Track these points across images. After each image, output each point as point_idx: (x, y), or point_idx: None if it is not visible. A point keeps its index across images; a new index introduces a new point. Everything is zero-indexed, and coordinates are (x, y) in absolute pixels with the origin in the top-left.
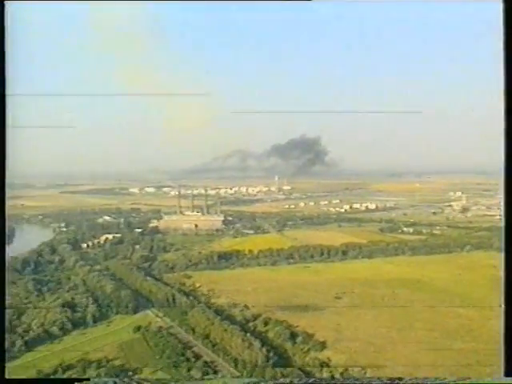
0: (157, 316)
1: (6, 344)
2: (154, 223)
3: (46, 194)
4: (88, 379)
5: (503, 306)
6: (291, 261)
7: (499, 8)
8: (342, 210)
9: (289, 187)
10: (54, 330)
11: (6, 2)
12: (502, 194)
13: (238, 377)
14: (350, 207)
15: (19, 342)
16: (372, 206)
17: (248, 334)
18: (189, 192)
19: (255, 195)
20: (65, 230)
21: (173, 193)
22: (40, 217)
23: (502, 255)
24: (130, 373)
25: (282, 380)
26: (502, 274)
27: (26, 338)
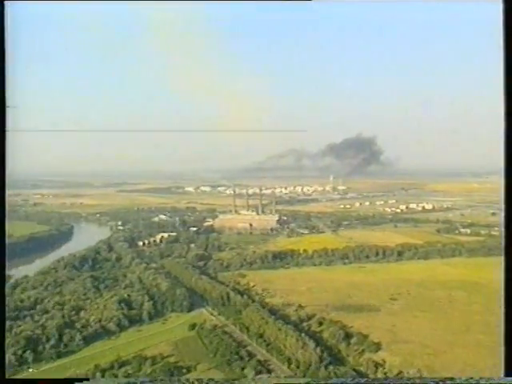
0: (211, 314)
1: (65, 338)
2: (209, 222)
3: (104, 192)
4: (87, 379)
5: (503, 306)
6: (346, 261)
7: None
8: (398, 210)
9: (344, 187)
10: (111, 326)
11: (5, 2)
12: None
13: (290, 377)
14: (406, 207)
15: (78, 337)
16: (428, 207)
17: (302, 334)
18: (244, 191)
19: (310, 195)
20: (121, 228)
21: (228, 192)
22: (98, 215)
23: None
24: (184, 370)
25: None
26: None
27: (84, 334)
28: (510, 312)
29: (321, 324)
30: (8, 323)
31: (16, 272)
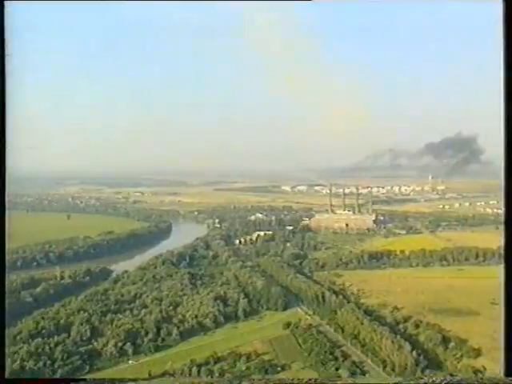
0: (306, 313)
1: (163, 333)
2: (305, 221)
3: (201, 190)
4: (84, 379)
5: (503, 306)
6: (444, 263)
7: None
8: (500, 212)
9: (443, 187)
10: (207, 322)
11: (5, 2)
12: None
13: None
14: None
15: (175, 332)
16: None
17: (398, 336)
18: (340, 191)
19: (408, 195)
20: (218, 226)
21: (324, 191)
22: (195, 213)
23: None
24: (279, 368)
25: None
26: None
27: (181, 329)
28: (510, 313)
29: (417, 327)
30: (109, 316)
31: (117, 267)
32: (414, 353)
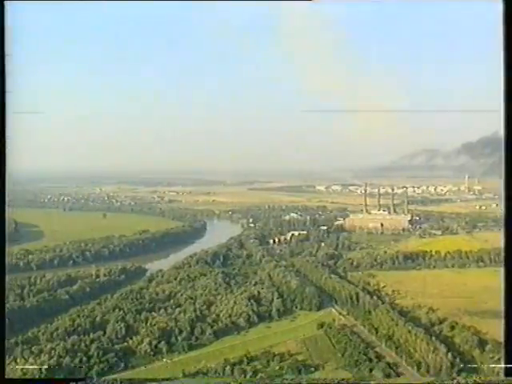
0: (340, 314)
1: (196, 332)
2: (339, 221)
3: (236, 190)
4: (84, 379)
5: (503, 306)
6: (481, 264)
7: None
8: None
9: (479, 187)
10: (241, 321)
11: (5, 2)
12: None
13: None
14: None
15: (208, 331)
16: None
17: (433, 338)
18: (375, 191)
19: (444, 195)
20: (252, 225)
21: (359, 191)
22: (229, 212)
23: None
24: (312, 368)
25: None
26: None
27: (215, 328)
28: (510, 312)
29: (453, 328)
30: (144, 315)
31: (151, 266)
32: (450, 355)
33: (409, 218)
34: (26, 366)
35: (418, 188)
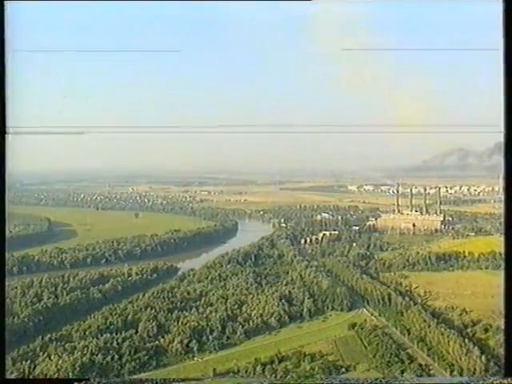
0: (371, 315)
1: (227, 331)
2: (371, 221)
3: (267, 190)
4: (88, 379)
5: (503, 307)
6: None
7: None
8: None
9: None
10: (272, 321)
11: (5, 2)
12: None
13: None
14: None
15: (239, 330)
16: None
17: (466, 340)
18: (407, 190)
19: (477, 195)
20: (284, 225)
21: (391, 191)
22: (261, 212)
23: None
24: (343, 369)
25: None
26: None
27: (246, 327)
28: (510, 312)
29: (486, 331)
30: (175, 314)
31: (183, 265)
32: (484, 358)
33: (441, 219)
34: (60, 363)
35: (451, 188)
